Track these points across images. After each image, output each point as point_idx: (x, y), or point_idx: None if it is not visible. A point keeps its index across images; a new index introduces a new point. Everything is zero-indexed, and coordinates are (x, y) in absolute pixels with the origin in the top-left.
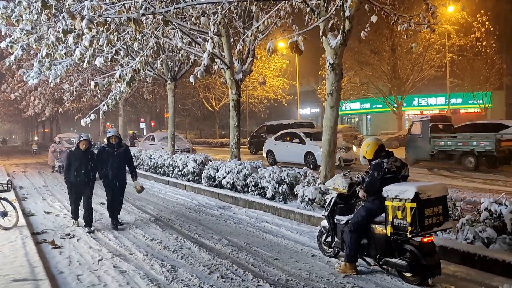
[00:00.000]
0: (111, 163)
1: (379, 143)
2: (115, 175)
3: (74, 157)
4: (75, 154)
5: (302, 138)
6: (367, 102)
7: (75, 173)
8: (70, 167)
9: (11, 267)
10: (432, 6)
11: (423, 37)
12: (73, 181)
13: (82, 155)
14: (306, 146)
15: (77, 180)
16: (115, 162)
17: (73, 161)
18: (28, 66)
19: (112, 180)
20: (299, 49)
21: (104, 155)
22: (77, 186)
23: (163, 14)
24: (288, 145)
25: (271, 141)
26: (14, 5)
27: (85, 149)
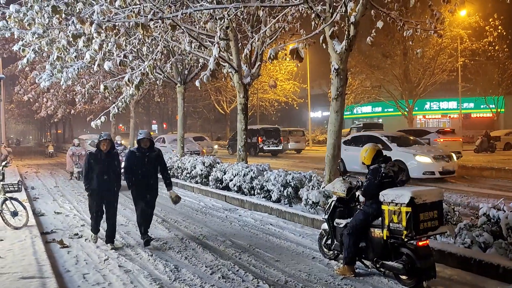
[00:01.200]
0: (141, 170)
1: (377, 149)
2: (146, 184)
3: (95, 160)
4: (96, 157)
5: (385, 143)
6: (378, 106)
7: (97, 179)
8: (90, 172)
9: (19, 265)
10: (437, 12)
11: (434, 41)
12: (95, 188)
13: (104, 158)
14: (392, 154)
15: (100, 187)
16: (146, 169)
17: (94, 165)
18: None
19: (143, 190)
20: (300, 56)
21: (133, 161)
22: (99, 195)
23: (171, 19)
24: None
25: None
26: (27, 9)
27: (107, 150)
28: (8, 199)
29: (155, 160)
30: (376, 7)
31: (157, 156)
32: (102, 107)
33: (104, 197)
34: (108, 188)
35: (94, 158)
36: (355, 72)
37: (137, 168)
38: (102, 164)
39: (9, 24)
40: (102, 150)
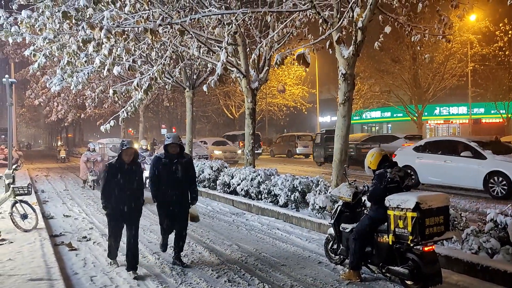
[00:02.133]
0: (169, 180)
1: (383, 154)
2: (175, 197)
3: (116, 172)
4: (117, 169)
5: (476, 150)
6: (388, 111)
7: (118, 196)
8: (109, 187)
9: (28, 267)
10: (445, 17)
11: (444, 46)
12: (115, 206)
13: (127, 170)
14: (487, 163)
15: (121, 205)
16: (175, 178)
17: (114, 179)
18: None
19: (170, 204)
20: (306, 61)
21: (160, 169)
22: (121, 214)
23: (179, 24)
24: (448, 159)
25: (409, 153)
26: (38, 14)
27: (130, 161)
28: (18, 202)
29: (186, 169)
30: (384, 12)
31: (187, 164)
32: (112, 111)
33: (126, 216)
34: (131, 206)
35: (114, 171)
36: (364, 77)
37: (164, 178)
38: (124, 178)
39: (21, 29)
40: (124, 161)
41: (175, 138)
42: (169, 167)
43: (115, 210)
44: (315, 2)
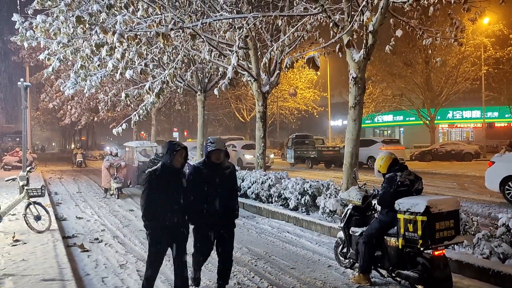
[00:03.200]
0: (213, 194)
1: (393, 157)
2: (219, 215)
3: (161, 182)
4: (163, 178)
5: None
6: (400, 115)
7: (165, 211)
8: (153, 201)
9: (41, 268)
10: (456, 21)
11: (457, 50)
12: (161, 225)
13: (175, 179)
14: None
15: (167, 222)
16: (219, 193)
17: (160, 189)
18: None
19: (213, 223)
20: (316, 65)
21: (201, 181)
22: (166, 234)
23: (191, 28)
24: None
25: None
26: (52, 19)
27: (180, 166)
28: (32, 204)
29: (230, 181)
30: (395, 16)
31: (231, 175)
32: (125, 115)
33: (173, 237)
34: (180, 223)
35: (159, 180)
36: (376, 81)
37: (205, 191)
38: (173, 188)
39: (36, 33)
40: (175, 167)
41: (219, 143)
42: (212, 178)
43: (159, 230)
44: (326, 6)
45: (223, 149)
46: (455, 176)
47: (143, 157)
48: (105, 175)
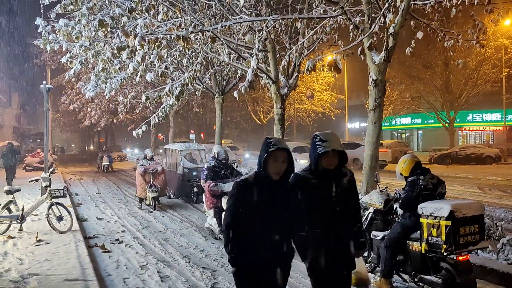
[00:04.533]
0: (323, 215)
1: (415, 160)
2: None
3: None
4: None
5: None
6: (418, 117)
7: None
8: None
9: (64, 268)
10: (479, 22)
11: (477, 52)
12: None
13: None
14: None
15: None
16: (334, 212)
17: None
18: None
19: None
20: (338, 67)
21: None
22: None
23: (211, 31)
24: None
25: None
26: (75, 22)
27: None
28: (54, 204)
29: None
30: (416, 18)
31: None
32: (143, 117)
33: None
34: (282, 257)
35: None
36: (394, 83)
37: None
38: (271, 207)
39: (58, 37)
40: (271, 178)
41: (335, 142)
42: (324, 192)
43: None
44: (346, 8)
45: (339, 149)
46: (475, 179)
47: (188, 162)
48: (139, 182)
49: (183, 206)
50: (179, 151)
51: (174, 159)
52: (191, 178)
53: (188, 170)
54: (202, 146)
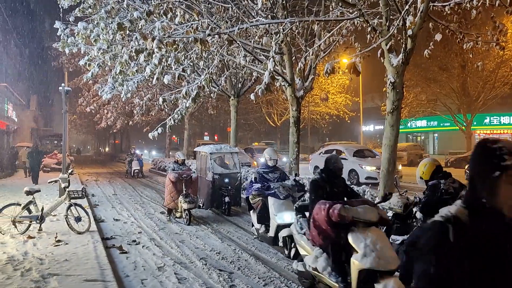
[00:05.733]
0: None
1: (436, 164)
2: None
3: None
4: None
5: None
6: (434, 120)
7: None
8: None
9: (83, 268)
10: (500, 24)
11: (495, 54)
12: None
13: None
14: None
15: None
16: None
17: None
18: (103, 81)
19: None
20: (357, 70)
21: None
22: None
23: (228, 34)
24: None
25: None
26: (93, 26)
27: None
28: (73, 205)
29: None
30: (435, 19)
31: None
32: (158, 119)
33: None
34: None
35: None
36: (410, 85)
37: None
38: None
39: (77, 40)
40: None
41: None
42: None
43: None
44: (363, 11)
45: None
46: None
47: (219, 167)
48: (169, 191)
49: (215, 219)
50: (208, 154)
51: (203, 164)
52: (223, 185)
53: (218, 176)
54: (235, 148)
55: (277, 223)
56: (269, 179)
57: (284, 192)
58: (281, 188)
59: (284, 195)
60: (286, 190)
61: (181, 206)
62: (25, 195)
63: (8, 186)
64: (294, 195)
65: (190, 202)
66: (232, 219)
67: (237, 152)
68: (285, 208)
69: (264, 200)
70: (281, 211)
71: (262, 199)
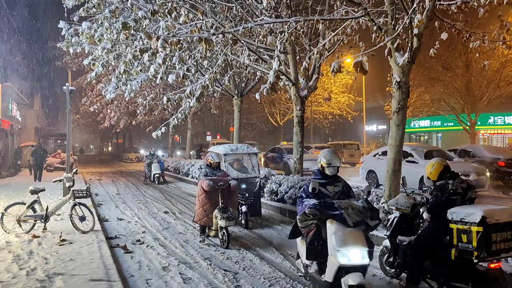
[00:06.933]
0: None
1: (444, 164)
2: None
3: None
4: None
5: None
6: (437, 120)
7: None
8: None
9: (88, 268)
10: (507, 22)
11: (500, 53)
12: None
13: None
14: None
15: None
16: None
17: None
18: (106, 81)
19: None
20: (364, 69)
21: None
22: None
23: (232, 33)
24: None
25: None
26: (97, 25)
27: None
28: (77, 204)
29: None
30: (441, 18)
31: None
32: (161, 118)
33: None
34: None
35: None
36: (413, 85)
37: None
38: None
39: (81, 39)
40: None
41: None
42: None
43: None
44: (368, 9)
45: None
46: None
47: (235, 171)
48: (202, 202)
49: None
50: (222, 155)
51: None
52: (239, 192)
53: (236, 181)
54: (254, 149)
55: (339, 263)
56: (327, 194)
57: (354, 215)
58: (351, 210)
59: (355, 221)
60: (358, 213)
61: (216, 223)
62: (29, 194)
63: (13, 185)
64: (369, 223)
65: (229, 219)
66: (250, 234)
67: (256, 153)
68: (353, 241)
69: (320, 225)
70: (348, 244)
71: (316, 223)
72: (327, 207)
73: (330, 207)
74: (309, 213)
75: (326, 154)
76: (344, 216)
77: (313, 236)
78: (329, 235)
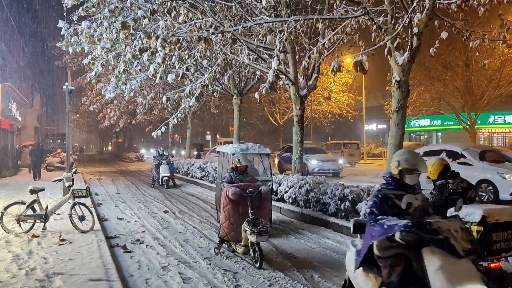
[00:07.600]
0: None
1: (444, 163)
2: None
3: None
4: None
5: None
6: (437, 119)
7: None
8: None
9: (88, 267)
10: (507, 21)
11: (500, 52)
12: None
13: None
14: None
15: None
16: None
17: None
18: (106, 80)
19: None
20: (364, 68)
21: None
22: None
23: (231, 33)
24: None
25: None
26: (97, 25)
27: None
28: (77, 204)
29: None
30: (441, 17)
31: None
32: (161, 118)
33: None
34: None
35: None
36: (413, 84)
37: None
38: None
39: (80, 39)
40: None
41: None
42: None
43: None
44: (368, 9)
45: None
46: None
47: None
48: (229, 214)
49: None
50: (230, 156)
51: (225, 168)
52: None
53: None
54: (266, 149)
55: None
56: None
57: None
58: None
59: (466, 249)
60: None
61: (246, 238)
62: (29, 194)
63: (12, 185)
64: None
65: (260, 233)
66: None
67: (268, 154)
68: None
69: (409, 256)
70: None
71: (403, 252)
72: (425, 229)
73: (429, 230)
74: (402, 239)
75: (409, 157)
76: (452, 242)
77: (402, 273)
78: (432, 270)
